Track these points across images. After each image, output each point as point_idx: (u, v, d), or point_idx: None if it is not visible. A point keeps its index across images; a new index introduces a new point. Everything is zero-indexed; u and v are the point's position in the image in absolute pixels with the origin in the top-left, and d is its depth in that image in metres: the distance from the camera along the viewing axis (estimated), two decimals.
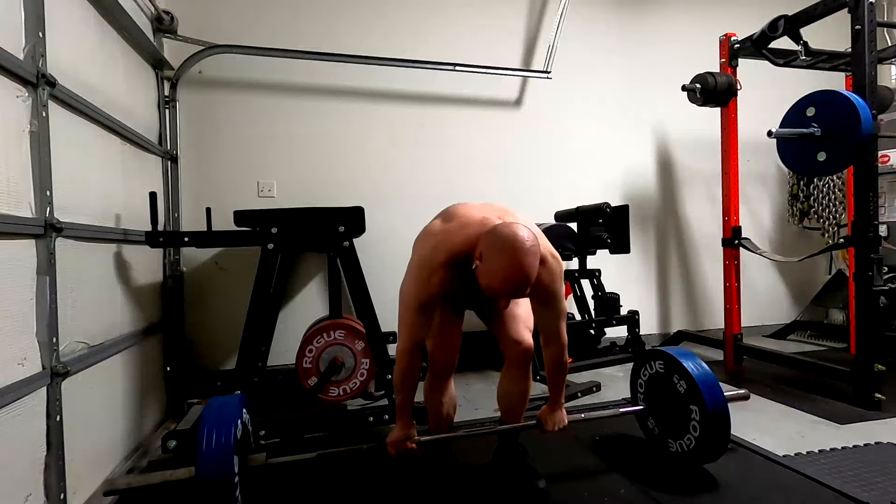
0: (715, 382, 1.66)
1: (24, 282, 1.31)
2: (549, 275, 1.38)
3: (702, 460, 1.68)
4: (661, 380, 1.82)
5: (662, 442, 1.83)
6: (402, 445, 1.47)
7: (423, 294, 1.35)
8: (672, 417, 1.77)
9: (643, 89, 3.66)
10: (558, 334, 1.48)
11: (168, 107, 2.67)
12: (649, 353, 1.89)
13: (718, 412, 1.61)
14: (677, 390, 1.73)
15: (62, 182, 1.49)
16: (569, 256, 3.14)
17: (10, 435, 1.21)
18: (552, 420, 1.59)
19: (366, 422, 2.14)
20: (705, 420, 1.62)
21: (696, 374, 1.67)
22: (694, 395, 1.66)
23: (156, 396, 2.34)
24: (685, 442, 1.71)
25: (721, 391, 1.66)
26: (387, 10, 3.13)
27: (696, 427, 1.66)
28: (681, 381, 1.71)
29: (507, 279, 1.19)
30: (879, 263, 2.28)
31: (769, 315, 4.00)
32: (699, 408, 1.64)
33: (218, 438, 1.29)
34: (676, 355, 1.75)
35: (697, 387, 1.64)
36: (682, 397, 1.71)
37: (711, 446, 1.63)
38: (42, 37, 1.40)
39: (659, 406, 1.83)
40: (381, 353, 2.19)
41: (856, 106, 2.17)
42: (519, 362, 1.59)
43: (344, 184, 3.02)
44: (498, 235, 1.23)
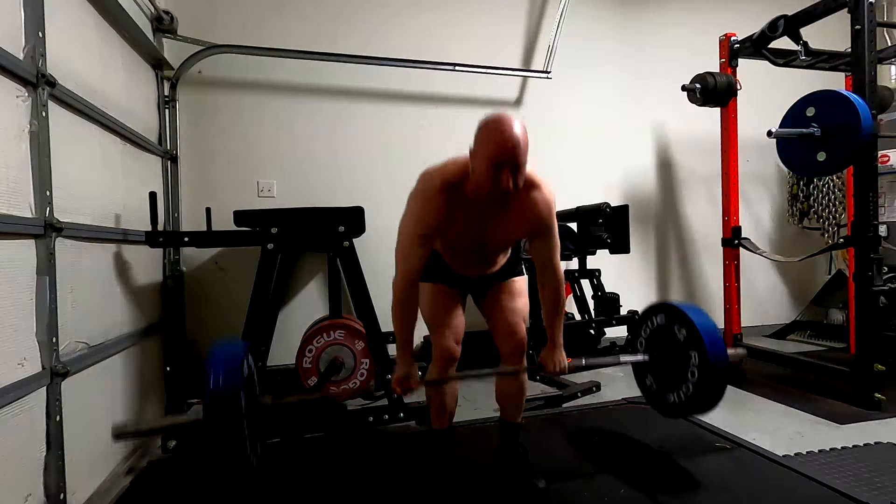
0: (715, 329, 1.65)
1: (24, 282, 1.31)
2: (545, 201, 1.41)
3: (699, 408, 1.67)
4: (661, 332, 1.80)
5: (660, 398, 1.81)
6: (405, 384, 1.46)
7: (422, 221, 1.38)
8: (671, 368, 1.75)
9: (643, 89, 3.66)
10: (554, 267, 1.50)
11: (168, 107, 2.67)
12: (651, 309, 1.87)
13: (717, 356, 1.59)
14: (677, 339, 1.71)
15: (62, 182, 1.49)
16: (569, 256, 3.15)
17: (9, 435, 1.21)
18: (552, 361, 1.58)
19: (366, 422, 2.14)
20: (704, 365, 1.60)
21: (697, 321, 1.66)
22: (693, 341, 1.64)
23: (156, 396, 2.34)
24: (683, 391, 1.69)
25: (720, 337, 1.64)
26: (387, 10, 3.13)
27: (694, 373, 1.64)
28: (681, 329, 1.70)
29: (501, 141, 1.22)
30: (879, 263, 2.28)
31: (769, 315, 4.00)
32: (698, 352, 1.62)
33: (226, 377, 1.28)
34: (679, 306, 1.75)
35: (697, 331, 1.63)
36: (681, 345, 1.69)
37: (709, 392, 1.61)
38: (42, 37, 1.40)
39: (659, 359, 1.81)
40: (381, 353, 2.19)
41: (856, 106, 2.17)
42: (513, 355, 1.60)
43: (344, 184, 3.02)
44: (485, 119, 1.28)
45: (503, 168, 1.24)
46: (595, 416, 2.25)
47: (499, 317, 1.60)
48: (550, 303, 1.54)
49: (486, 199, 1.31)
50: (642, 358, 1.84)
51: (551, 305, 1.54)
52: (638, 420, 2.18)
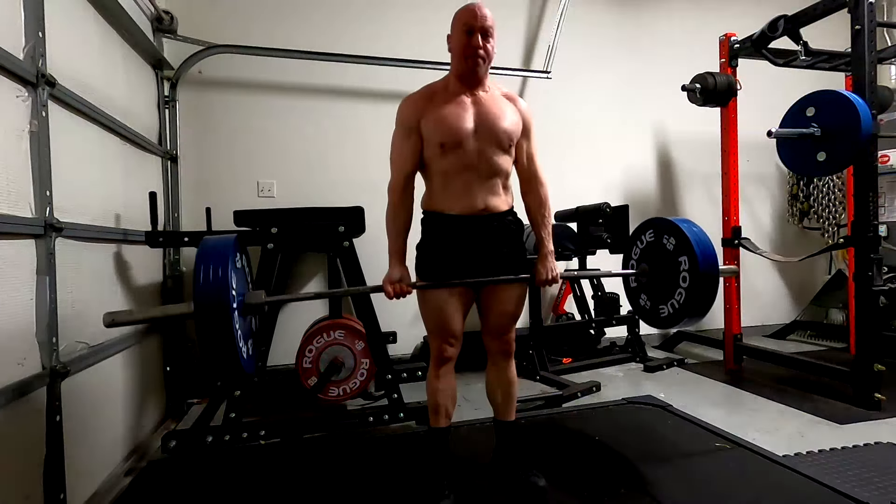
0: (702, 233, 1.65)
1: (24, 282, 1.31)
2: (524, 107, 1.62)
3: (693, 313, 1.66)
4: (651, 248, 1.80)
5: (654, 313, 1.81)
6: (397, 287, 1.48)
7: (407, 120, 1.53)
8: (663, 280, 1.74)
9: (643, 89, 3.66)
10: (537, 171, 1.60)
11: (168, 107, 2.67)
12: (640, 227, 1.87)
13: (706, 258, 1.59)
14: (667, 250, 1.71)
15: (62, 182, 1.49)
16: (569, 256, 3.15)
17: (9, 435, 1.21)
18: (544, 269, 1.57)
19: (366, 422, 2.14)
20: (693, 268, 1.59)
21: (684, 227, 1.66)
22: (683, 247, 1.64)
23: (156, 396, 2.34)
24: (676, 299, 1.68)
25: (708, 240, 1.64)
26: (387, 9, 3.13)
27: (685, 279, 1.64)
28: (670, 238, 1.71)
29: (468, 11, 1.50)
30: (879, 263, 2.28)
31: (769, 315, 4.00)
32: (688, 256, 1.62)
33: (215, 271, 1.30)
34: (667, 218, 1.76)
35: (686, 237, 1.63)
36: (671, 254, 1.69)
37: (701, 296, 1.60)
38: (42, 37, 1.41)
39: (650, 274, 1.80)
40: (380, 353, 2.19)
41: (856, 106, 2.17)
42: (501, 354, 1.63)
43: (344, 184, 3.02)
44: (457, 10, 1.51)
45: (474, 31, 1.48)
46: (595, 416, 2.25)
47: (492, 317, 1.60)
48: (536, 207, 1.60)
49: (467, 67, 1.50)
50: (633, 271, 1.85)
51: (538, 209, 1.60)
52: (638, 420, 2.18)
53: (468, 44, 1.48)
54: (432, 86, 1.60)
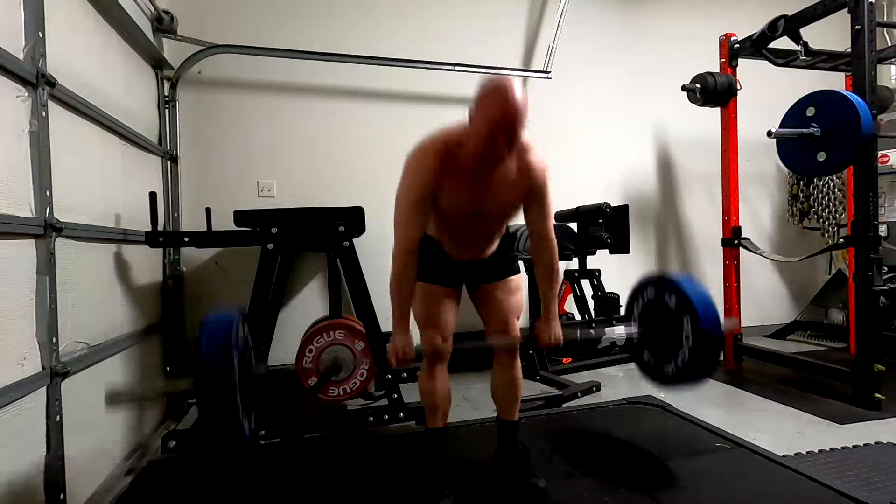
0: (704, 292, 1.64)
1: (24, 282, 1.31)
2: (541, 166, 1.44)
3: (697, 374, 1.65)
4: (652, 306, 1.79)
5: (658, 370, 1.79)
6: (401, 354, 1.45)
7: (418, 184, 1.39)
8: (665, 339, 1.73)
9: (643, 89, 3.66)
10: (548, 234, 1.51)
11: (168, 107, 2.67)
12: (641, 284, 1.86)
13: (708, 318, 1.58)
14: (668, 307, 1.70)
15: (62, 182, 1.49)
16: (569, 256, 3.15)
17: (9, 435, 1.21)
18: (548, 331, 1.56)
19: (366, 422, 2.14)
20: (696, 329, 1.58)
21: (684, 285, 1.65)
22: (684, 305, 1.63)
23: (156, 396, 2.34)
24: (679, 359, 1.67)
25: (710, 298, 1.62)
26: (386, 10, 3.13)
27: (688, 337, 1.62)
28: (671, 295, 1.69)
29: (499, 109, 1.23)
30: (879, 263, 2.28)
31: (769, 315, 4.00)
32: (690, 315, 1.61)
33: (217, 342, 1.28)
34: (664, 275, 1.75)
35: (686, 296, 1.61)
36: (673, 312, 1.68)
37: (705, 357, 1.59)
38: (42, 37, 1.41)
39: (653, 331, 1.79)
40: (381, 353, 2.19)
41: (856, 106, 2.17)
42: (506, 353, 1.61)
43: (344, 184, 3.02)
44: (486, 82, 1.28)
45: (502, 133, 1.25)
46: (595, 416, 2.25)
47: (493, 315, 1.60)
48: (545, 272, 1.55)
49: (480, 160, 1.33)
50: (634, 329, 1.83)
51: (546, 275, 1.55)
52: (638, 420, 2.18)
53: (491, 144, 1.27)
54: (448, 142, 1.39)
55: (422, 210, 1.41)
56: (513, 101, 1.23)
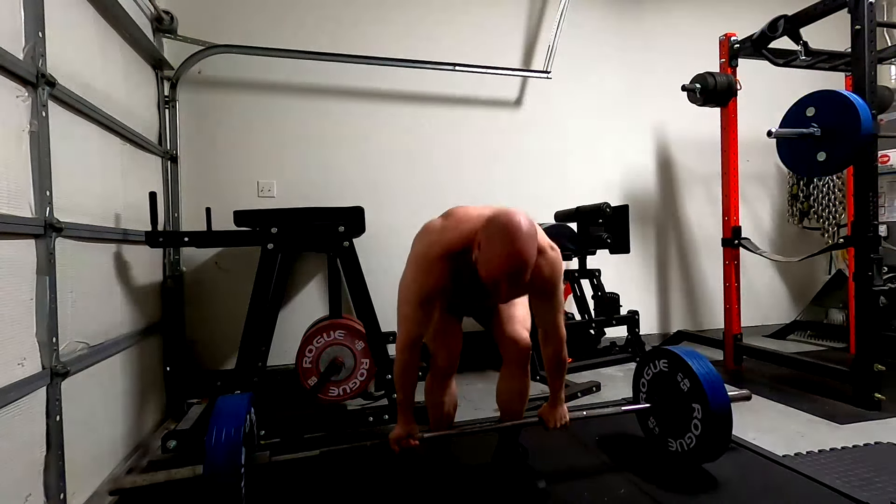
0: (719, 382, 1.66)
1: (24, 282, 1.31)
2: (549, 266, 1.39)
3: (702, 459, 1.68)
4: (664, 378, 1.82)
5: (662, 441, 1.83)
6: (404, 442, 1.48)
7: (423, 289, 1.36)
8: (674, 416, 1.77)
9: (643, 89, 3.66)
10: (557, 329, 1.50)
11: (168, 107, 2.67)
12: (654, 352, 1.89)
13: (721, 412, 1.61)
14: (680, 389, 1.72)
15: (62, 182, 1.49)
16: (569, 256, 3.14)
17: (10, 435, 1.21)
18: (554, 417, 1.59)
19: (366, 422, 2.14)
20: (707, 419, 1.61)
21: (700, 373, 1.67)
22: (697, 394, 1.66)
23: (156, 396, 2.34)
24: (686, 441, 1.71)
25: (724, 391, 1.65)
26: (386, 10, 3.13)
27: (697, 426, 1.66)
28: (684, 379, 1.71)
29: (507, 262, 1.19)
30: (879, 263, 2.28)
31: (769, 315, 4.00)
32: (702, 406, 1.64)
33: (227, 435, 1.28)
34: (682, 354, 1.75)
35: (701, 385, 1.64)
36: (684, 395, 1.71)
37: (712, 445, 1.63)
38: (42, 37, 1.40)
39: (661, 405, 1.83)
40: (381, 353, 2.19)
41: (856, 106, 2.17)
42: (517, 361, 1.60)
43: (344, 184, 3.02)
44: (495, 221, 1.23)
45: (508, 280, 1.22)
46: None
47: (502, 327, 1.60)
48: (552, 361, 1.55)
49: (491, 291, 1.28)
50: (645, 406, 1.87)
51: (553, 364, 1.55)
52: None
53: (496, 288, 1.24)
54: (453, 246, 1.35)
55: (425, 310, 1.40)
56: (520, 258, 1.19)
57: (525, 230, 1.20)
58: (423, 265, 1.37)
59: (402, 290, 1.43)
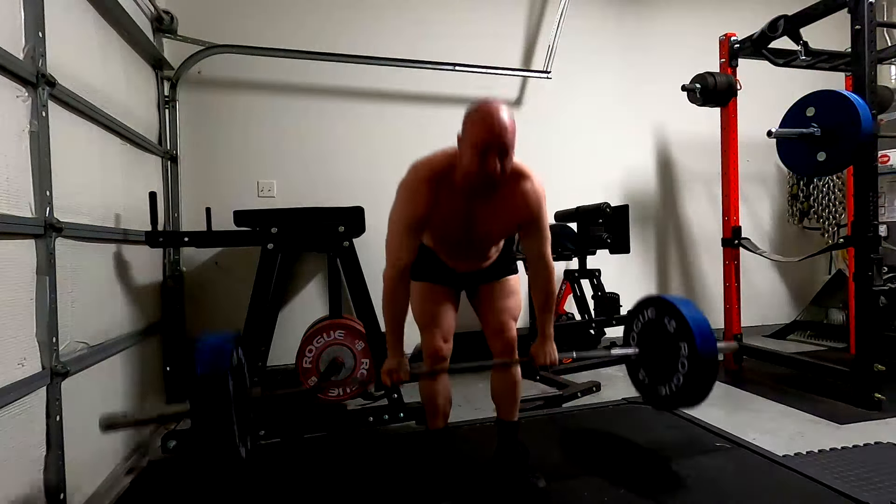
0: (703, 319, 1.65)
1: (24, 282, 1.31)
2: (534, 192, 1.42)
3: (690, 400, 1.67)
4: (652, 326, 1.80)
5: (653, 390, 1.81)
6: (395, 376, 1.47)
7: (410, 212, 1.39)
8: (662, 360, 1.75)
9: (643, 89, 3.66)
10: (545, 259, 1.51)
11: (168, 107, 2.67)
12: (642, 303, 1.87)
13: (706, 347, 1.60)
14: (667, 331, 1.71)
15: (62, 182, 1.49)
16: (569, 256, 3.15)
17: (10, 435, 1.21)
18: (543, 353, 1.58)
19: (366, 422, 2.14)
20: (693, 355, 1.60)
21: (685, 312, 1.66)
22: (683, 332, 1.64)
23: (156, 396, 2.34)
24: (674, 383, 1.69)
25: (709, 327, 1.65)
26: (386, 9, 3.13)
27: (684, 364, 1.64)
28: (671, 320, 1.70)
29: (488, 126, 1.23)
30: (879, 263, 2.28)
31: (769, 315, 4.00)
32: (688, 343, 1.62)
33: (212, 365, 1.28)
34: (667, 298, 1.76)
35: (687, 322, 1.63)
36: (671, 336, 1.69)
37: (699, 383, 1.61)
38: (42, 37, 1.40)
39: (650, 352, 1.81)
40: (381, 354, 2.19)
41: (856, 106, 2.17)
42: (503, 353, 1.61)
43: (344, 184, 3.02)
44: (471, 106, 1.30)
45: (490, 152, 1.25)
46: (595, 416, 2.25)
47: (490, 316, 1.61)
48: (541, 296, 1.55)
49: (474, 185, 1.32)
50: (633, 351, 1.84)
51: (542, 298, 1.55)
52: (638, 420, 2.18)
53: (483, 164, 1.25)
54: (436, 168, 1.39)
55: (412, 235, 1.42)
56: (499, 121, 1.24)
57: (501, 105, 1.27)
58: (409, 189, 1.39)
59: (390, 220, 1.44)
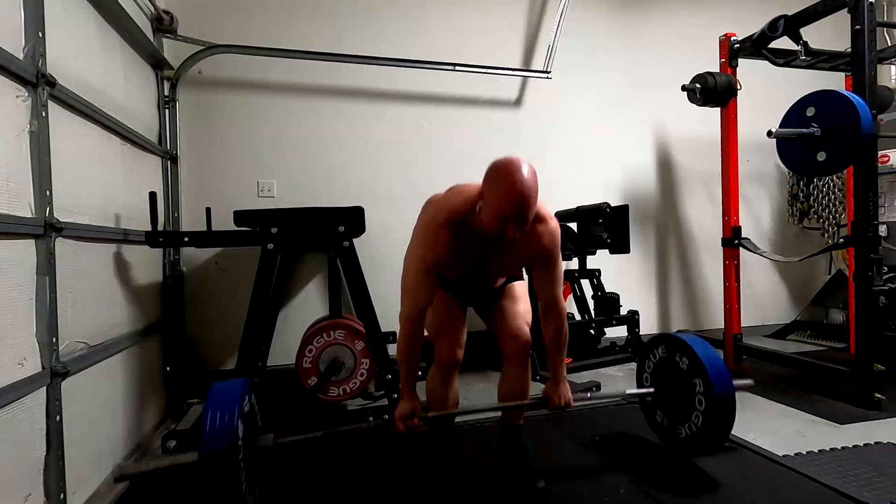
0: (716, 355, 1.66)
1: (24, 282, 1.31)
2: (549, 234, 1.42)
3: (711, 438, 1.66)
4: (664, 364, 1.81)
5: (672, 432, 1.81)
6: (409, 421, 1.45)
7: (428, 256, 1.38)
8: (678, 399, 1.75)
9: (643, 89, 3.66)
10: (557, 302, 1.51)
11: (168, 107, 2.67)
12: (652, 342, 1.89)
13: (721, 382, 1.60)
14: (680, 369, 1.72)
15: (62, 182, 1.49)
16: (569, 256, 3.15)
17: (10, 435, 1.21)
18: (557, 395, 1.58)
19: (366, 422, 2.14)
20: (709, 392, 1.60)
21: (696, 349, 1.67)
22: (696, 369, 1.65)
23: (156, 396, 2.34)
24: (693, 422, 1.68)
25: (722, 362, 1.65)
26: (386, 9, 3.12)
27: (701, 401, 1.64)
28: (682, 357, 1.71)
29: (511, 195, 1.21)
30: (879, 263, 2.28)
31: (769, 315, 4.00)
32: (702, 379, 1.63)
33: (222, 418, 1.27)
34: (677, 336, 1.77)
35: (699, 358, 1.64)
36: (685, 374, 1.70)
37: (719, 420, 1.61)
38: (42, 37, 1.40)
39: (665, 391, 1.81)
40: (380, 353, 2.19)
41: (856, 106, 2.17)
42: (517, 357, 1.61)
43: (344, 184, 3.02)
44: (496, 165, 1.27)
45: (511, 222, 1.24)
46: (595, 415, 2.25)
47: (502, 322, 1.61)
48: (553, 338, 1.54)
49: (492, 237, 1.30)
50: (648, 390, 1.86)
51: (553, 341, 1.55)
52: (638, 420, 2.18)
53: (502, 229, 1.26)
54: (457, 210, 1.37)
55: (430, 279, 1.41)
56: (522, 194, 1.21)
57: (525, 166, 1.24)
58: (428, 232, 1.38)
59: (406, 260, 1.45)
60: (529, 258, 1.45)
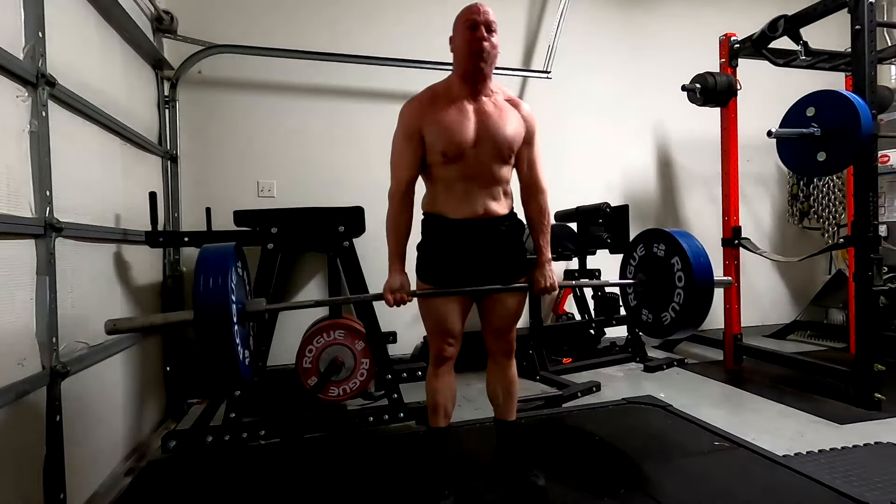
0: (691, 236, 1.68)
1: (24, 282, 1.31)
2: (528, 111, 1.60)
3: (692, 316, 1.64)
4: (646, 259, 1.82)
5: (658, 323, 1.79)
6: (397, 295, 1.48)
7: (406, 121, 1.53)
8: (659, 287, 1.75)
9: (643, 89, 3.66)
10: (539, 182, 1.60)
11: (168, 107, 2.67)
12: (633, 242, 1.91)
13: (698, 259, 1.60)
14: (659, 257, 1.73)
15: (62, 182, 1.49)
16: (569, 256, 3.15)
17: (10, 435, 1.21)
18: (543, 276, 1.58)
19: (366, 422, 2.14)
20: (686, 267, 1.61)
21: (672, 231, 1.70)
22: (673, 249, 1.67)
23: (156, 396, 2.34)
24: (675, 305, 1.68)
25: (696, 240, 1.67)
26: (387, 9, 3.13)
27: (680, 278, 1.64)
28: (660, 244, 1.73)
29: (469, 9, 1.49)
30: (879, 263, 2.28)
31: (769, 315, 4.00)
32: (679, 257, 1.64)
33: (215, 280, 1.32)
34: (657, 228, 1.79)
35: (675, 239, 1.66)
36: (663, 259, 1.71)
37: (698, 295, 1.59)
38: (42, 37, 1.41)
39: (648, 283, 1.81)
40: (380, 353, 2.19)
41: (856, 106, 2.17)
42: (501, 353, 1.64)
43: (344, 184, 3.02)
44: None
45: (477, 26, 1.45)
46: (595, 416, 2.25)
47: (493, 319, 1.61)
48: (536, 215, 1.60)
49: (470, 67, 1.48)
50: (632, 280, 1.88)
51: (537, 218, 1.60)
52: (638, 420, 2.18)
53: (472, 38, 1.46)
54: (435, 87, 1.59)
55: (410, 147, 1.51)
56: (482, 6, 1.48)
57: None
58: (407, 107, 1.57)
59: (392, 143, 1.55)
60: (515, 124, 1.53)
